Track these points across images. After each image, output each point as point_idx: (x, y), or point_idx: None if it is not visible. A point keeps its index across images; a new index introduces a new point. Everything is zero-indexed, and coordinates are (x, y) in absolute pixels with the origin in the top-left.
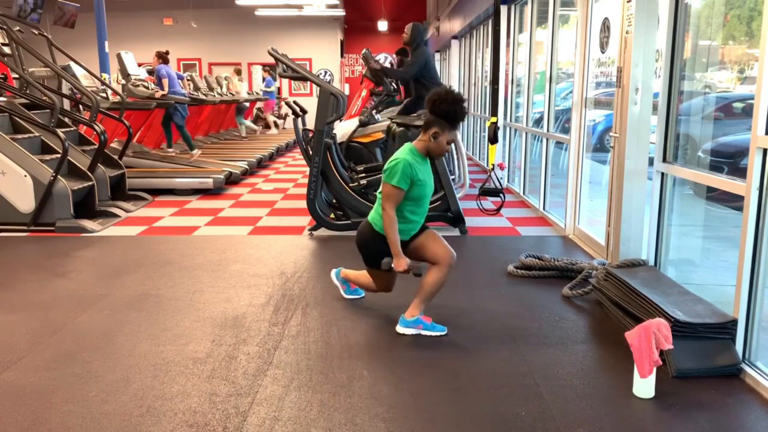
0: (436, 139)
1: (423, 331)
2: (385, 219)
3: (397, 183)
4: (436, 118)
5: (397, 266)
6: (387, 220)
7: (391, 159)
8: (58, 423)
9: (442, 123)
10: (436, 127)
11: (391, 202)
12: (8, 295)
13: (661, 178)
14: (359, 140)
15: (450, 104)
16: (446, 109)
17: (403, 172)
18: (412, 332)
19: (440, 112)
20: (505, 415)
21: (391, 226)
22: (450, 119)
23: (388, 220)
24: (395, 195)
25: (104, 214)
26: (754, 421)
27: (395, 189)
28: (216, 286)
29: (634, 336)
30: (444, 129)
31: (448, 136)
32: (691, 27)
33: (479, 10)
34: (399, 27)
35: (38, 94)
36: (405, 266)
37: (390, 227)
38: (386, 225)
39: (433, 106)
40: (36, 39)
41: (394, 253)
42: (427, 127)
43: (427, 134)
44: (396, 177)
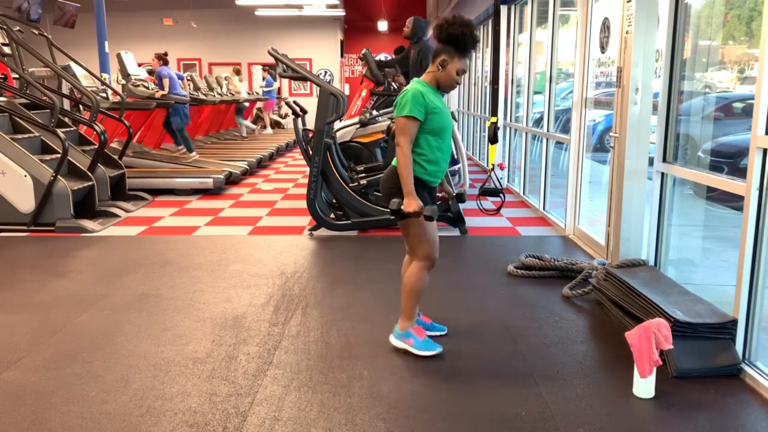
0: (445, 68)
1: (412, 348)
2: (399, 155)
3: (410, 112)
4: (443, 45)
5: (407, 206)
6: (401, 156)
7: (402, 93)
8: (58, 423)
9: (449, 49)
10: (443, 54)
11: (406, 136)
12: (8, 295)
13: (661, 178)
14: (359, 140)
15: (458, 27)
16: (454, 33)
17: (414, 100)
18: (402, 347)
19: (447, 37)
20: (505, 415)
21: (406, 164)
22: (459, 44)
23: (403, 156)
24: (409, 126)
25: (104, 214)
26: (754, 421)
27: (409, 119)
28: (216, 286)
29: (634, 336)
30: (452, 56)
31: (457, 65)
32: (691, 27)
33: (479, 10)
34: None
35: (38, 94)
36: (416, 206)
37: (405, 164)
38: (400, 161)
39: (440, 31)
40: (36, 39)
41: (406, 193)
42: (435, 56)
43: (435, 63)
44: (408, 106)
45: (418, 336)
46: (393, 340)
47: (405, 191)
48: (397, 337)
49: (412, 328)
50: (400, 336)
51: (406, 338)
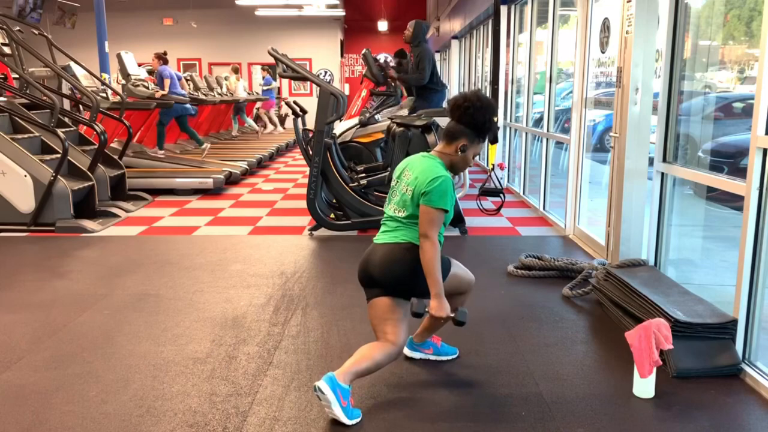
0: (464, 153)
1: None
2: (429, 251)
3: (446, 206)
4: (465, 128)
5: (437, 309)
6: (434, 252)
7: (430, 177)
8: (58, 423)
9: (471, 134)
10: (464, 138)
11: (436, 228)
12: (8, 295)
13: (661, 178)
14: (359, 140)
15: (484, 113)
16: (480, 119)
17: (451, 191)
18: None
19: (472, 122)
20: (505, 415)
21: (436, 260)
22: (482, 130)
23: (433, 251)
24: (441, 219)
25: (104, 214)
26: (754, 421)
27: (442, 212)
28: (216, 286)
29: (634, 336)
30: (473, 141)
31: (476, 149)
32: (691, 27)
33: (479, 10)
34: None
35: (38, 94)
36: (447, 311)
37: (434, 260)
38: (429, 258)
39: (463, 113)
40: (36, 39)
41: (436, 294)
42: (453, 138)
43: (453, 146)
44: (445, 199)
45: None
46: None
47: (434, 292)
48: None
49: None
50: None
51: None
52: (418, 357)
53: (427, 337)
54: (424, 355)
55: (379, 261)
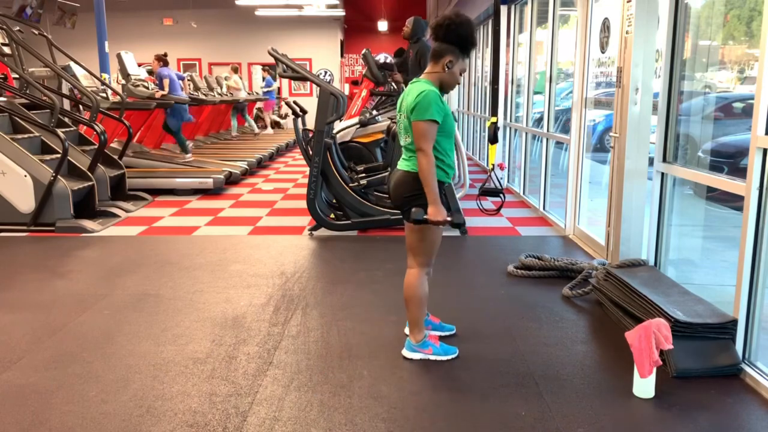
0: (451, 69)
1: (432, 356)
2: (424, 162)
3: (433, 116)
4: (447, 45)
5: (435, 214)
6: (426, 162)
7: (416, 94)
8: (58, 423)
9: (455, 50)
10: (449, 55)
11: (429, 141)
12: (8, 295)
13: (661, 178)
14: (359, 140)
15: (465, 27)
16: (460, 34)
17: (435, 103)
18: (420, 357)
19: (453, 38)
20: (505, 415)
21: (431, 170)
22: (464, 45)
23: (428, 163)
24: (432, 131)
25: (104, 214)
26: (754, 421)
27: (431, 123)
28: (216, 286)
29: (634, 336)
30: (458, 57)
31: (461, 65)
32: (691, 27)
33: (479, 10)
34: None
35: (38, 94)
36: (444, 215)
37: (430, 171)
38: (425, 168)
39: (446, 32)
40: (36, 39)
41: (432, 200)
42: (439, 56)
43: (440, 64)
44: (431, 110)
45: (435, 343)
46: (407, 353)
47: (430, 199)
48: (412, 349)
49: (427, 337)
50: (416, 348)
51: (424, 348)
52: (417, 357)
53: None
54: (424, 355)
55: (392, 187)
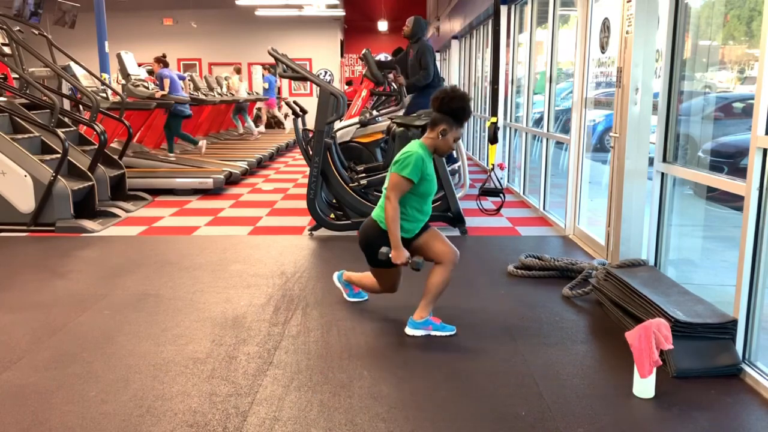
0: (444, 137)
1: (432, 331)
2: (387, 209)
3: (409, 174)
4: (443, 116)
5: (396, 258)
6: (390, 210)
7: (403, 152)
8: (58, 423)
9: (449, 120)
10: (444, 124)
11: (397, 193)
12: (8, 295)
13: (661, 178)
14: (359, 140)
15: (458, 102)
16: (454, 107)
17: (415, 164)
18: (421, 333)
19: (448, 110)
20: (505, 415)
21: (394, 218)
22: (457, 117)
23: (392, 211)
24: (403, 186)
25: (104, 214)
26: (754, 421)
27: (405, 180)
28: (216, 286)
29: (634, 336)
30: (451, 126)
31: (455, 134)
32: (691, 27)
33: (479, 10)
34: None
35: (38, 94)
36: (404, 258)
37: (393, 219)
38: (389, 215)
39: (440, 104)
40: (36, 39)
41: (394, 245)
42: (435, 125)
43: (435, 131)
44: (409, 168)
45: (435, 321)
46: (410, 330)
47: (393, 244)
48: (415, 326)
49: (430, 317)
50: (418, 325)
51: (426, 326)
52: (420, 334)
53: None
54: (425, 331)
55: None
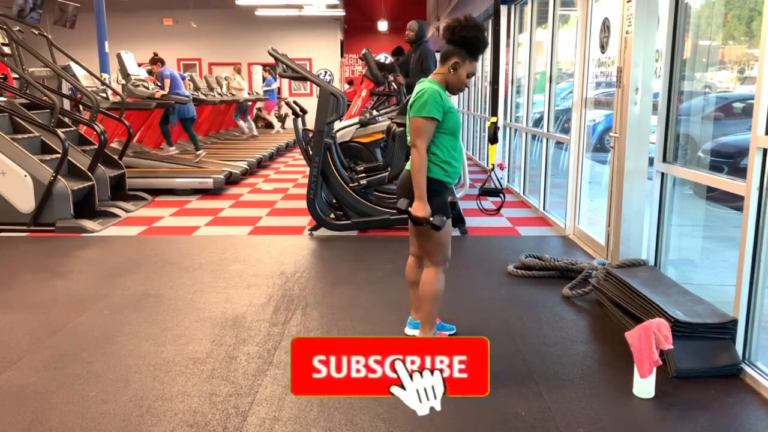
0: (456, 71)
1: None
2: (415, 158)
3: (429, 113)
4: (455, 48)
5: (416, 210)
6: (417, 159)
7: (416, 93)
8: (58, 423)
9: (461, 52)
10: (455, 57)
11: (423, 138)
12: (8, 295)
13: (661, 178)
14: (359, 140)
15: (471, 30)
16: (469, 36)
17: (433, 100)
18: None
19: (460, 40)
20: (505, 415)
21: (421, 167)
22: (471, 47)
23: (419, 159)
24: (428, 127)
25: (104, 214)
26: (754, 421)
27: (428, 120)
28: (216, 286)
29: (634, 336)
30: (464, 59)
31: (468, 68)
32: (691, 27)
33: (479, 10)
34: (399, 27)
35: (38, 94)
36: (425, 212)
37: (420, 168)
38: (416, 164)
39: (452, 33)
40: (36, 39)
41: (418, 196)
42: (445, 58)
43: (446, 65)
44: (427, 107)
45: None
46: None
47: (416, 194)
48: (414, 327)
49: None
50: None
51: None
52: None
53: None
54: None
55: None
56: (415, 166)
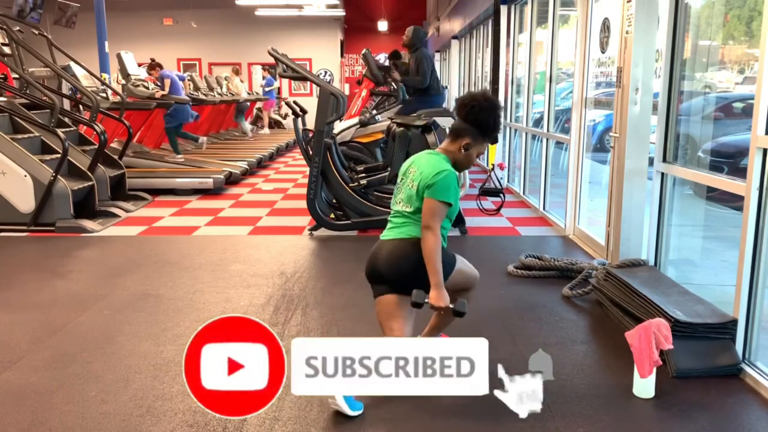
0: (467, 151)
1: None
2: (432, 241)
3: (448, 199)
4: (469, 127)
5: (437, 300)
6: (434, 242)
7: (434, 172)
8: (58, 423)
9: (474, 133)
10: (468, 137)
11: (439, 221)
12: (8, 295)
13: (661, 178)
14: (359, 140)
15: (490, 113)
16: (484, 119)
17: (455, 186)
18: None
19: (476, 121)
20: (505, 415)
21: (438, 251)
22: (487, 130)
23: (435, 244)
24: (444, 212)
25: (104, 214)
26: (754, 421)
27: (446, 205)
28: (216, 286)
29: (634, 336)
30: (476, 139)
31: (479, 149)
32: (691, 27)
33: (479, 10)
34: (399, 27)
35: (38, 94)
36: (446, 301)
37: (436, 252)
38: (431, 249)
39: (468, 112)
40: (36, 39)
41: (436, 284)
42: (457, 136)
43: (457, 144)
44: (449, 192)
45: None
46: None
47: (434, 282)
48: None
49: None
50: None
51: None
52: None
53: (434, 335)
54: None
55: (385, 256)
56: (431, 251)
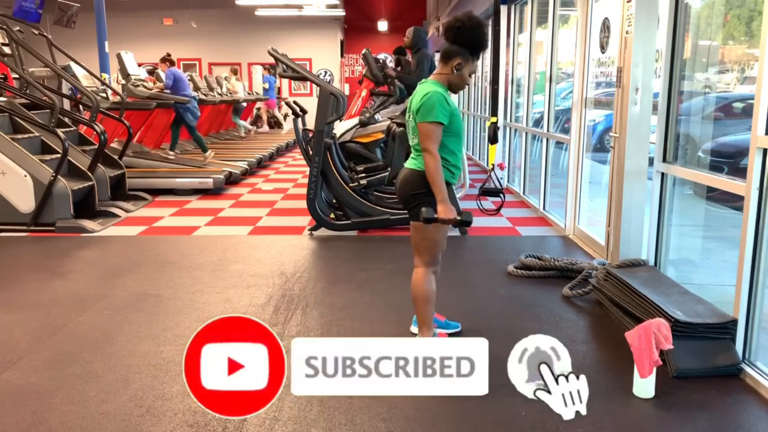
0: (459, 71)
1: (438, 329)
2: (431, 162)
3: (436, 118)
4: (458, 48)
5: (444, 213)
6: (432, 162)
7: (421, 96)
8: (58, 423)
9: (464, 52)
10: (458, 57)
11: (434, 142)
12: (8, 295)
13: (661, 178)
14: (359, 140)
15: (475, 31)
16: (470, 38)
17: (440, 105)
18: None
19: (464, 41)
20: (505, 415)
21: (438, 170)
22: (474, 48)
23: (434, 163)
24: (437, 132)
25: (104, 214)
26: (754, 421)
27: (436, 125)
28: (216, 286)
29: (634, 336)
30: (467, 59)
31: (471, 67)
32: (691, 27)
33: (479, 10)
34: (399, 27)
35: (38, 94)
36: (454, 214)
37: (437, 171)
38: (432, 168)
39: (455, 33)
40: (36, 39)
41: (441, 200)
42: (449, 58)
43: (449, 66)
44: (434, 112)
45: (440, 318)
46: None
47: (439, 198)
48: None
49: (436, 336)
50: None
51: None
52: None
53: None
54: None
55: (398, 185)
56: (432, 170)
